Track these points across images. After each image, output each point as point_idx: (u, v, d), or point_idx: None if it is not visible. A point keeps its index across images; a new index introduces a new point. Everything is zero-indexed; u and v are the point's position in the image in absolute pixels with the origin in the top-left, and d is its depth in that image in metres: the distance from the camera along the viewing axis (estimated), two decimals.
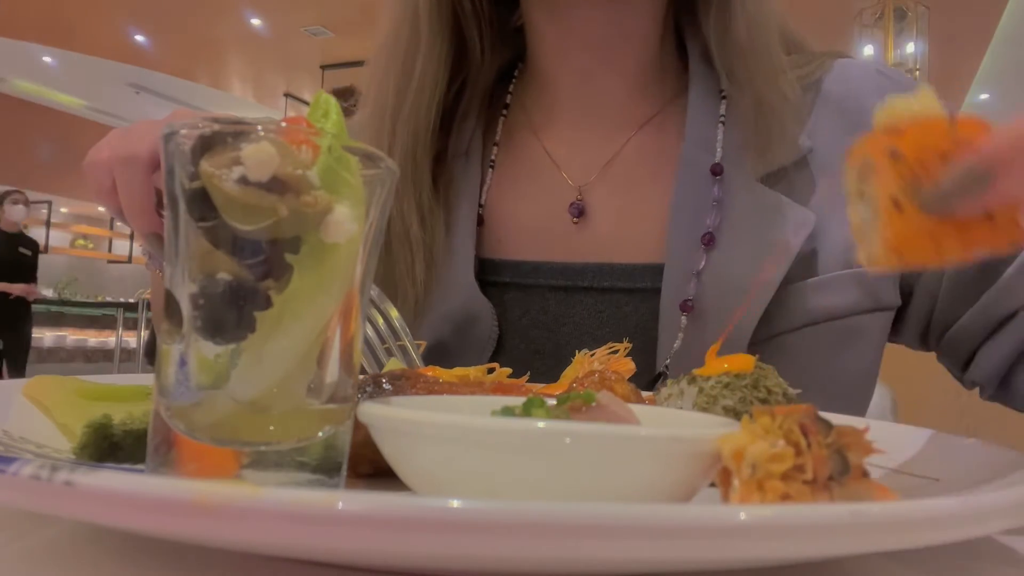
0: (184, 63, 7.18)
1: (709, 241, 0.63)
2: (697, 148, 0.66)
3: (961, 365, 0.68)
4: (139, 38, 6.63)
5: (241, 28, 6.21)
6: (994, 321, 0.63)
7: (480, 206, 0.71)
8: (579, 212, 0.69)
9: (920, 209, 0.28)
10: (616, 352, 0.50)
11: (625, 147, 0.70)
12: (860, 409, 0.68)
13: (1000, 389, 0.65)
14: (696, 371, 0.40)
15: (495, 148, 0.74)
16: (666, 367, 0.62)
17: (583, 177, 0.70)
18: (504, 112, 0.75)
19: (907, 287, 0.67)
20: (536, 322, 0.68)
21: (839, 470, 0.26)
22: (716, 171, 0.65)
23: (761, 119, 0.65)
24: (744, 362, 0.39)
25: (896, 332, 0.70)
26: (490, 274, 0.69)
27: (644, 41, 0.70)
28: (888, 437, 0.41)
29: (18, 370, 5.02)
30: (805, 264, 0.63)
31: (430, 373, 0.44)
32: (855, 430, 0.27)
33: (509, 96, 0.76)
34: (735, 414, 0.37)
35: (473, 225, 0.69)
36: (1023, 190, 0.28)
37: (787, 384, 0.39)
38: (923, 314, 0.67)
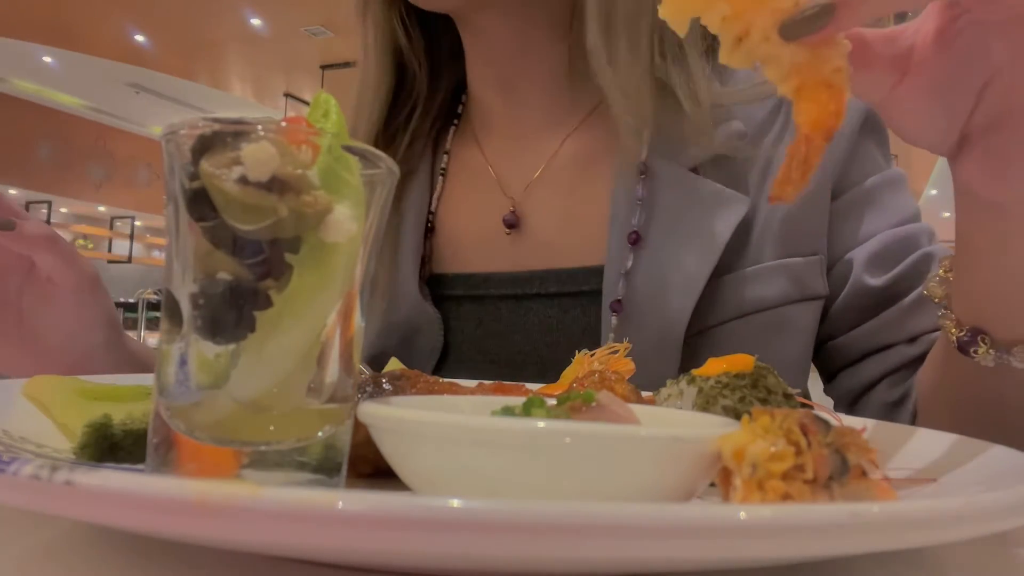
0: (184, 63, 7.18)
1: (635, 240, 0.64)
2: (628, 147, 0.67)
3: (826, 378, 0.70)
4: (139, 38, 6.63)
5: (241, 28, 6.21)
6: (868, 349, 0.65)
7: (431, 213, 0.74)
8: (512, 224, 0.70)
9: (781, 36, 0.32)
10: (616, 352, 0.50)
11: (558, 153, 0.72)
12: None
13: (850, 408, 0.68)
14: (695, 371, 0.40)
15: (446, 156, 0.77)
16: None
17: (519, 186, 0.72)
18: (455, 123, 0.78)
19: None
20: (490, 331, 0.69)
21: (839, 470, 0.26)
22: (640, 170, 0.66)
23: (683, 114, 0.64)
24: (744, 362, 0.39)
25: None
26: (446, 288, 0.71)
27: (552, 49, 0.71)
28: (888, 437, 0.41)
29: None
30: (738, 254, 0.63)
31: None
32: (854, 430, 0.27)
33: (461, 107, 0.79)
34: (735, 414, 0.37)
35: (420, 237, 0.72)
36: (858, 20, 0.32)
37: (786, 384, 0.39)
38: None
